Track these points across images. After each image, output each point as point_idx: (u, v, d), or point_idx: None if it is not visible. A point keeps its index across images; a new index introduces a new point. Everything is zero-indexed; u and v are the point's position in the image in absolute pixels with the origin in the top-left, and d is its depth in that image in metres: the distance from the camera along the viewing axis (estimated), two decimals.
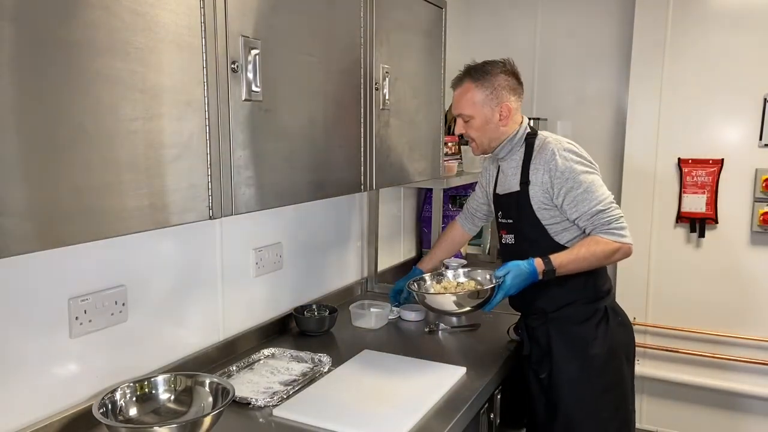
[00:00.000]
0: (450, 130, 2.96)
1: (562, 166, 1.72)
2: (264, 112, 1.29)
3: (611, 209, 1.71)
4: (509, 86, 1.81)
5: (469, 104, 1.81)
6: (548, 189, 1.74)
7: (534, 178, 1.77)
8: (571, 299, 1.79)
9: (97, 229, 0.96)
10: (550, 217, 1.77)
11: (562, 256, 1.71)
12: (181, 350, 1.67)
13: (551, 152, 1.74)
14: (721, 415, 3.03)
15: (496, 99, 1.79)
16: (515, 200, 1.81)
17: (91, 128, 0.93)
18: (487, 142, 1.85)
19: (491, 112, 1.80)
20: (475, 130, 1.83)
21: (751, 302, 2.90)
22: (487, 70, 1.80)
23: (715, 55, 2.85)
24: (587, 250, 1.70)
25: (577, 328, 1.79)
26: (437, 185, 2.43)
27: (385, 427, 1.40)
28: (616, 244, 1.71)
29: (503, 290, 1.69)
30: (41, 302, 1.30)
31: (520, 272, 1.69)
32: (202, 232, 1.73)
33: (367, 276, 2.59)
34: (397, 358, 1.81)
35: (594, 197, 1.70)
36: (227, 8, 1.17)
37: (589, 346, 1.77)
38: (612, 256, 1.73)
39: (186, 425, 1.24)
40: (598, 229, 1.71)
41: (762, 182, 2.80)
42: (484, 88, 1.80)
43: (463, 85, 1.83)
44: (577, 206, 1.71)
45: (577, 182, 1.71)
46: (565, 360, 1.79)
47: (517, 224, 1.83)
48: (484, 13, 3.41)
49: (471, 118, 1.82)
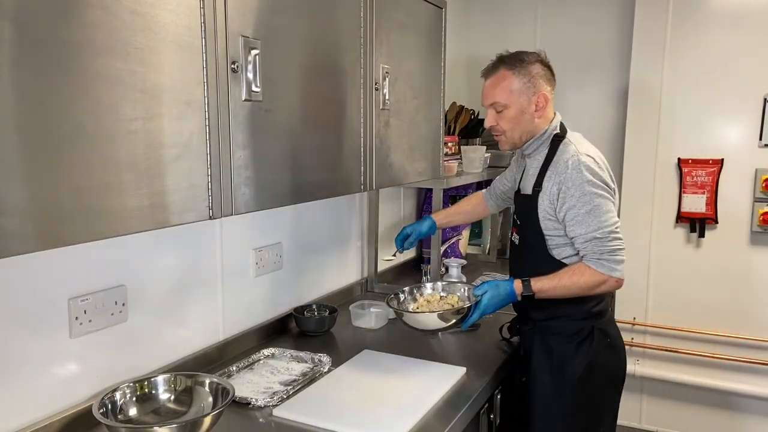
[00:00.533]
0: (450, 130, 2.98)
1: (571, 180, 1.64)
2: (264, 112, 1.29)
3: (609, 239, 1.63)
4: (545, 76, 1.74)
5: (506, 92, 1.72)
6: (554, 200, 1.68)
7: (546, 185, 1.70)
8: (559, 313, 1.74)
9: (97, 229, 0.96)
10: (552, 229, 1.71)
11: (544, 281, 1.67)
12: (181, 350, 1.67)
13: (565, 163, 1.67)
14: (720, 415, 3.03)
15: (533, 87, 1.71)
16: (527, 204, 1.76)
17: (91, 128, 0.93)
18: (518, 135, 1.76)
19: (527, 102, 1.72)
20: (507, 121, 1.74)
21: (750, 302, 2.90)
22: (522, 59, 1.73)
23: (715, 56, 2.85)
24: (570, 278, 1.65)
25: (557, 342, 1.74)
26: (437, 185, 2.43)
27: (385, 427, 1.40)
28: (602, 277, 1.63)
29: (479, 310, 1.67)
30: (41, 302, 1.30)
31: (498, 293, 1.67)
32: (202, 232, 1.73)
33: (367, 276, 2.59)
34: (397, 358, 1.81)
35: (594, 222, 1.63)
36: (227, 8, 1.17)
37: (566, 363, 1.72)
38: (595, 288, 1.66)
39: (186, 425, 1.24)
40: (589, 257, 1.64)
41: (762, 182, 2.80)
42: (521, 76, 1.71)
43: (498, 73, 1.74)
44: (575, 226, 1.65)
45: (581, 201, 1.63)
46: (541, 371, 1.75)
47: (524, 228, 1.80)
48: (483, 13, 3.41)
49: (505, 108, 1.73)
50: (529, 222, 1.75)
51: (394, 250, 2.81)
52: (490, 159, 2.94)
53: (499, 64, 1.75)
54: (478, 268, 2.95)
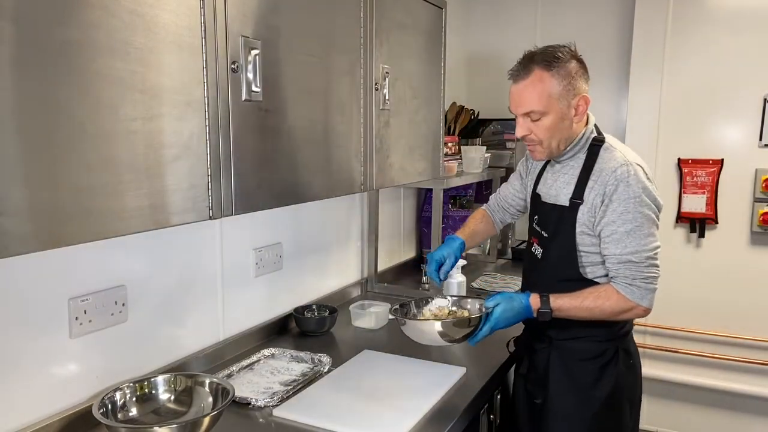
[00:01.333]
0: (450, 130, 2.98)
1: (617, 194, 1.46)
2: (264, 112, 1.29)
3: (646, 264, 1.47)
4: (583, 74, 1.54)
5: (544, 97, 1.49)
6: (595, 213, 1.50)
7: (588, 196, 1.52)
8: (581, 333, 1.58)
9: (97, 229, 0.96)
10: (589, 245, 1.53)
11: (565, 299, 1.50)
12: (181, 350, 1.67)
13: (612, 172, 1.48)
14: (720, 415, 3.03)
15: (573, 90, 1.50)
16: (558, 216, 1.58)
17: (91, 128, 0.93)
18: (555, 144, 1.55)
19: (567, 107, 1.51)
20: (545, 129, 1.52)
21: (750, 302, 2.90)
22: (558, 56, 1.50)
23: (715, 56, 2.85)
24: (594, 301, 1.49)
25: (581, 365, 1.59)
26: (437, 185, 2.43)
27: (385, 427, 1.40)
28: (630, 304, 1.48)
29: (490, 323, 1.49)
30: (41, 302, 1.30)
31: (512, 306, 1.50)
32: (202, 232, 1.73)
33: (367, 276, 2.59)
34: (397, 358, 1.81)
35: (633, 243, 1.46)
36: (227, 8, 1.17)
37: (591, 388, 1.58)
38: (620, 315, 1.51)
39: (186, 425, 1.24)
40: (620, 280, 1.49)
41: (762, 182, 2.80)
42: (561, 78, 1.49)
43: (533, 75, 1.50)
44: (610, 244, 1.48)
45: (623, 219, 1.46)
46: (562, 394, 1.61)
47: (551, 241, 1.61)
48: (483, 13, 3.41)
49: (543, 115, 1.51)
50: (561, 235, 1.57)
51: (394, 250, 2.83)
52: (490, 159, 2.94)
53: (531, 63, 1.51)
54: (479, 268, 2.95)
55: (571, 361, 1.61)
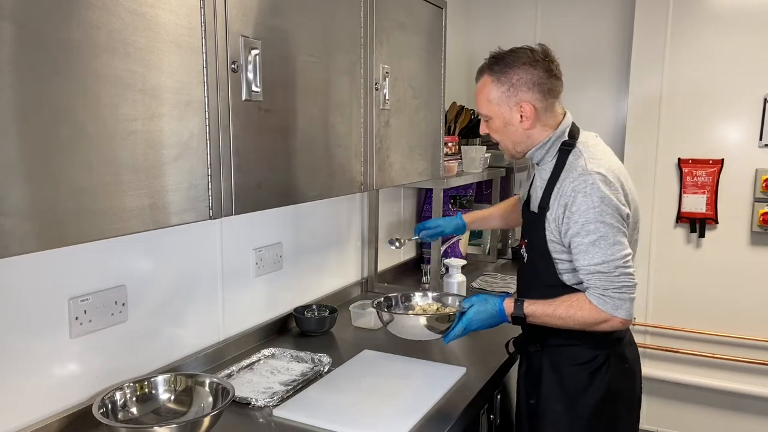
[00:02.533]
0: (450, 130, 2.98)
1: (576, 205, 1.45)
2: (264, 112, 1.29)
3: (615, 273, 1.44)
4: (532, 81, 1.52)
5: (485, 102, 1.57)
6: (560, 224, 1.49)
7: (552, 204, 1.51)
8: (572, 338, 1.55)
9: (97, 229, 0.96)
10: (560, 252, 1.53)
11: (538, 305, 1.50)
12: (181, 350, 1.67)
13: (571, 182, 1.47)
14: (720, 415, 3.03)
15: (514, 97, 1.53)
16: (532, 222, 1.60)
17: (91, 128, 0.93)
18: (511, 145, 1.60)
19: (509, 112, 1.54)
20: (495, 131, 1.60)
21: (751, 302, 2.90)
22: (508, 62, 1.53)
23: (715, 55, 2.85)
24: (567, 310, 1.47)
25: (570, 370, 1.58)
26: (437, 185, 2.43)
27: (385, 427, 1.40)
28: (603, 315, 1.44)
29: (463, 323, 1.52)
30: (41, 302, 1.30)
31: (485, 309, 1.51)
32: (202, 232, 1.73)
33: (367, 276, 2.59)
34: (397, 358, 1.81)
35: (599, 254, 1.43)
36: (227, 8, 1.17)
37: (580, 394, 1.56)
38: (594, 326, 1.47)
39: (186, 425, 1.24)
40: (592, 290, 1.46)
41: (762, 182, 2.80)
42: (500, 83, 1.53)
43: (482, 79, 1.59)
44: (578, 256, 1.47)
45: (585, 230, 1.44)
46: (553, 398, 1.60)
47: (529, 247, 1.63)
48: (484, 13, 3.41)
49: (489, 119, 1.59)
50: (536, 242, 1.58)
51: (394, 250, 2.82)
52: (490, 159, 2.94)
53: (485, 68, 1.58)
54: (479, 268, 2.95)
55: (562, 365, 1.59)
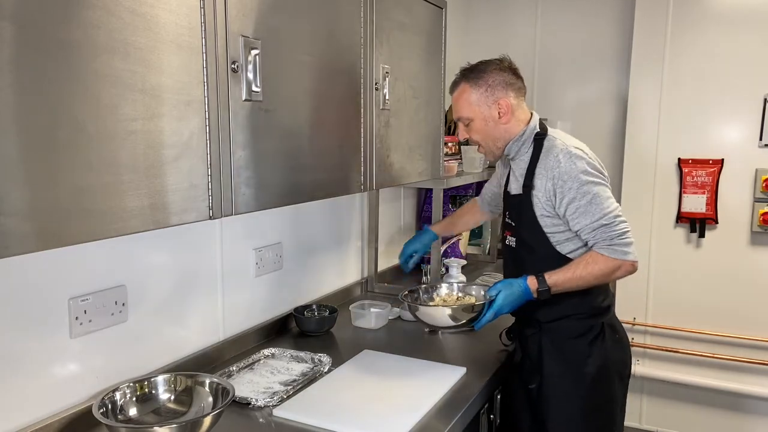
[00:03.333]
0: (450, 130, 2.98)
1: (566, 173, 1.63)
2: (264, 112, 1.29)
3: (615, 223, 1.62)
4: (505, 82, 1.74)
5: (466, 105, 1.75)
6: (551, 197, 1.66)
7: (538, 183, 1.68)
8: (567, 312, 1.71)
9: (97, 229, 0.96)
10: (552, 225, 1.69)
11: (558, 274, 1.64)
12: (181, 350, 1.67)
13: (555, 158, 1.66)
14: (720, 415, 3.03)
15: (492, 96, 1.73)
16: (519, 204, 1.74)
17: (91, 128, 0.93)
18: (492, 143, 1.78)
19: (488, 110, 1.74)
20: (476, 132, 1.77)
21: (751, 302, 2.90)
22: (480, 69, 1.75)
23: (715, 55, 2.85)
24: (584, 269, 1.62)
25: (570, 343, 1.71)
26: (437, 185, 2.43)
27: (385, 427, 1.40)
28: (616, 262, 1.62)
29: (493, 309, 1.64)
30: (41, 302, 1.30)
31: (512, 291, 1.65)
32: (202, 232, 1.73)
33: (367, 276, 2.59)
34: (397, 358, 1.81)
35: (598, 210, 1.61)
36: (227, 8, 1.17)
37: (582, 364, 1.69)
38: (612, 275, 1.65)
39: (186, 425, 1.24)
40: (600, 245, 1.62)
41: (762, 182, 2.80)
42: (478, 87, 1.74)
43: (459, 88, 1.78)
44: (579, 218, 1.63)
45: (580, 192, 1.62)
46: (556, 375, 1.71)
47: (520, 229, 1.76)
48: (484, 13, 3.41)
49: (470, 121, 1.76)
50: (525, 222, 1.72)
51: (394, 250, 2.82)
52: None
53: (460, 79, 1.78)
54: (478, 268, 2.95)
55: (561, 341, 1.72)
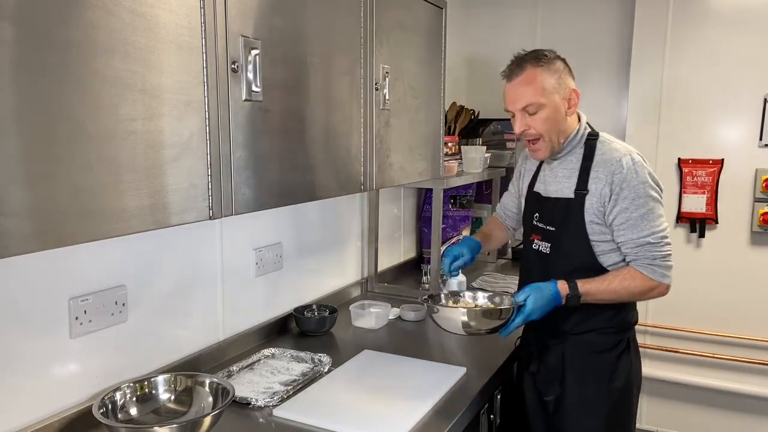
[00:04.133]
0: (450, 130, 2.98)
1: (627, 181, 1.54)
2: (264, 112, 1.29)
3: (661, 244, 1.56)
4: (568, 71, 1.64)
5: (539, 90, 1.57)
6: (605, 203, 1.56)
7: (593, 187, 1.58)
8: (597, 325, 1.63)
9: (97, 229, 0.96)
10: (600, 233, 1.59)
11: (592, 283, 1.56)
12: (181, 350, 1.67)
13: (617, 162, 1.56)
14: (720, 415, 3.03)
15: (564, 84, 1.61)
16: (564, 208, 1.62)
17: (91, 128, 0.93)
18: (555, 136, 1.62)
19: (560, 100, 1.60)
20: (543, 122, 1.59)
21: (751, 302, 2.90)
22: (545, 55, 1.61)
23: (715, 55, 2.85)
24: (621, 283, 1.56)
25: (597, 357, 1.64)
26: (437, 185, 2.43)
27: (385, 427, 1.40)
28: (653, 283, 1.57)
29: (523, 314, 1.53)
30: (41, 302, 1.30)
31: (542, 295, 1.54)
32: (202, 232, 1.73)
33: (367, 276, 2.59)
34: (397, 358, 1.81)
35: (648, 226, 1.55)
36: (227, 8, 1.17)
37: (608, 379, 1.63)
38: (645, 294, 1.60)
39: (186, 425, 1.24)
40: (640, 262, 1.56)
41: (762, 182, 2.80)
42: (551, 72, 1.59)
43: (526, 72, 1.59)
44: (626, 231, 1.55)
45: (635, 204, 1.54)
46: (580, 388, 1.64)
47: (560, 235, 1.64)
48: (483, 13, 3.41)
49: (540, 108, 1.58)
50: (570, 227, 1.61)
51: (394, 250, 2.83)
52: (490, 159, 2.94)
53: (523, 62, 1.61)
54: (478, 268, 2.95)
55: (587, 353, 1.65)
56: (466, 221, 3.04)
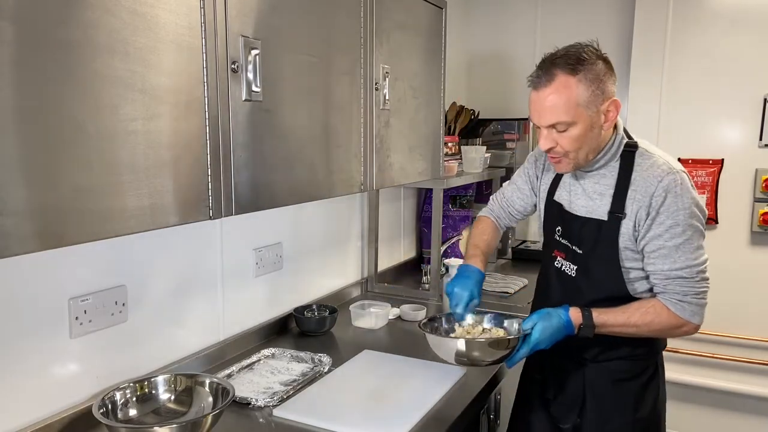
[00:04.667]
0: (450, 130, 2.98)
1: (665, 206, 1.34)
2: (264, 112, 1.29)
3: (696, 279, 1.39)
4: (610, 75, 1.38)
5: (572, 107, 1.33)
6: (639, 227, 1.38)
7: (630, 209, 1.39)
8: (623, 353, 1.47)
9: (97, 229, 0.96)
10: (633, 260, 1.42)
11: (609, 314, 1.38)
12: (181, 350, 1.67)
13: (659, 182, 1.36)
14: (720, 415, 3.03)
15: (602, 95, 1.34)
16: (596, 230, 1.44)
17: (91, 128, 0.93)
18: (584, 155, 1.40)
19: (596, 114, 1.35)
20: (573, 141, 1.36)
21: (751, 302, 2.90)
22: (583, 58, 1.35)
23: (715, 55, 2.85)
24: (642, 317, 1.37)
25: (621, 385, 1.49)
26: (437, 185, 2.43)
27: (385, 427, 1.40)
28: (680, 321, 1.38)
29: (528, 345, 1.37)
30: (41, 302, 1.30)
31: (551, 324, 1.37)
32: (202, 232, 1.73)
33: (367, 276, 2.59)
34: (397, 358, 1.81)
35: (682, 258, 1.36)
36: (227, 8, 1.17)
37: (633, 409, 1.48)
38: (669, 332, 1.41)
39: (186, 425, 1.24)
40: (669, 296, 1.38)
41: (762, 182, 2.80)
42: (589, 82, 1.33)
43: (557, 81, 1.33)
44: (657, 260, 1.37)
45: (671, 233, 1.35)
46: (601, 418, 1.49)
47: (588, 259, 1.46)
48: (484, 13, 3.41)
49: (570, 126, 1.35)
50: (603, 252, 1.43)
51: (394, 250, 2.83)
52: (490, 159, 2.94)
53: (554, 68, 1.35)
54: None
55: (611, 382, 1.50)
56: (466, 221, 3.03)
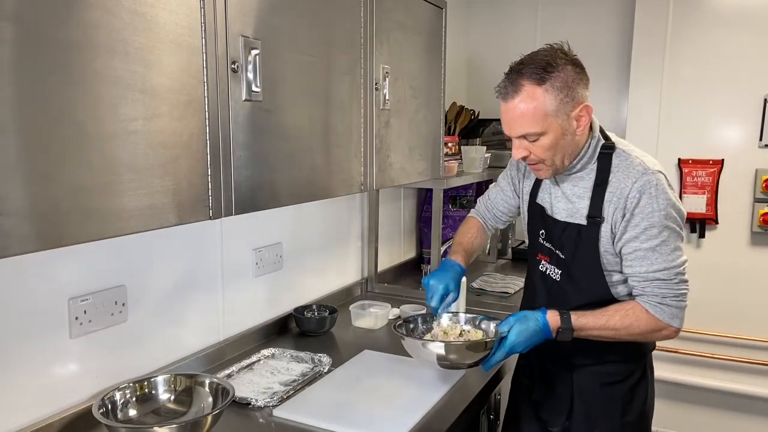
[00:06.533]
0: (450, 130, 2.98)
1: (640, 207, 1.34)
2: (264, 112, 1.29)
3: (675, 281, 1.36)
4: (580, 78, 1.35)
5: (540, 117, 1.32)
6: (616, 229, 1.38)
7: (607, 212, 1.39)
8: (610, 358, 1.47)
9: (97, 229, 0.96)
10: (615, 264, 1.42)
11: (588, 317, 1.37)
12: (181, 350, 1.67)
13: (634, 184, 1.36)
14: (720, 415, 3.03)
15: (572, 101, 1.33)
16: (576, 235, 1.44)
17: (91, 128, 0.93)
18: (560, 161, 1.40)
19: (567, 121, 1.34)
20: (545, 149, 1.37)
21: (751, 302, 2.90)
22: (550, 64, 1.32)
23: (715, 55, 2.85)
24: (621, 321, 1.36)
25: (609, 389, 1.48)
26: (437, 185, 2.43)
27: (385, 427, 1.40)
28: (660, 324, 1.36)
29: (504, 348, 1.37)
30: (41, 302, 1.30)
31: (527, 328, 1.36)
32: (202, 232, 1.73)
33: (367, 276, 2.59)
34: (397, 359, 1.81)
35: (660, 259, 1.34)
36: (227, 8, 1.17)
37: (622, 412, 1.47)
38: (649, 336, 1.40)
39: (186, 425, 1.24)
40: (648, 299, 1.36)
41: (762, 182, 2.80)
42: (557, 91, 1.32)
43: (523, 92, 1.33)
44: (634, 262, 1.37)
45: (647, 234, 1.34)
46: (589, 421, 1.49)
47: (571, 265, 1.46)
48: (483, 13, 3.41)
49: (541, 135, 1.35)
50: (583, 258, 1.43)
51: (394, 250, 2.83)
52: (490, 159, 2.94)
53: (520, 78, 1.34)
54: (479, 268, 2.95)
55: (599, 385, 1.49)
56: None
